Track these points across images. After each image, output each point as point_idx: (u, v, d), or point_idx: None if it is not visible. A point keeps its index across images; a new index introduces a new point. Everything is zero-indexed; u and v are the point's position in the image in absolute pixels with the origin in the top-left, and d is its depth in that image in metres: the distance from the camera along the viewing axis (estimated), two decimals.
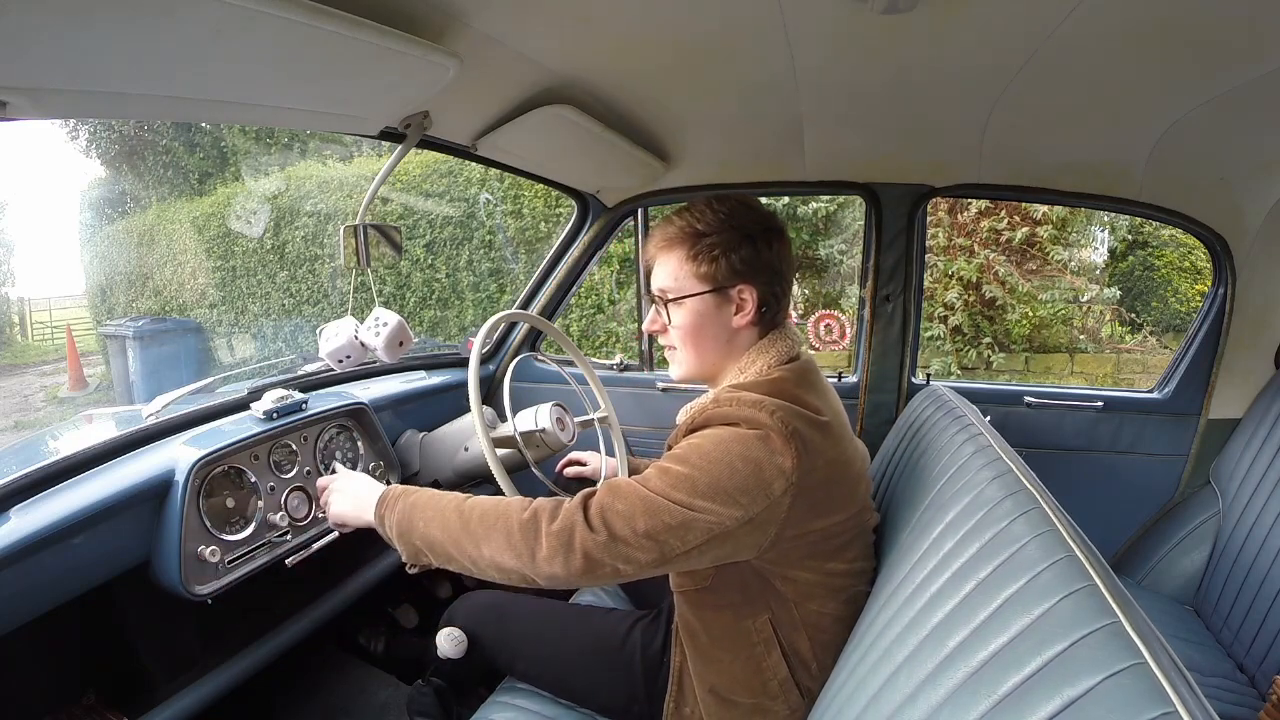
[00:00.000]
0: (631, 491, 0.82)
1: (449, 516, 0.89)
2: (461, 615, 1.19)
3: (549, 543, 0.81)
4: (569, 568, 0.81)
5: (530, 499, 0.89)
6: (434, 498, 0.94)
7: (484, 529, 0.86)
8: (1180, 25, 0.89)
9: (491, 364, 2.02)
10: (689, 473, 0.81)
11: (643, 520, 0.80)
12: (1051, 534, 0.62)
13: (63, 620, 0.99)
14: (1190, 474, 1.67)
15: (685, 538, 0.80)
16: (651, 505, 0.80)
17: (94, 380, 7.88)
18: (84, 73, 0.70)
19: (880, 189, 1.63)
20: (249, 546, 1.15)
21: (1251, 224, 1.50)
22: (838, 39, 0.98)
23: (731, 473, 0.80)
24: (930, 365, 4.99)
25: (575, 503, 0.84)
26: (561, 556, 0.81)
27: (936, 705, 0.54)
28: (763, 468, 0.81)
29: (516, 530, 0.83)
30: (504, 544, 0.84)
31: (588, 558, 0.80)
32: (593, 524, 0.81)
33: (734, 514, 0.80)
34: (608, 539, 0.80)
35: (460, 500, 0.91)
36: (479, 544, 0.86)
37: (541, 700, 1.13)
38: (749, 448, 0.81)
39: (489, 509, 0.88)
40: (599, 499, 0.83)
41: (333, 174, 6.66)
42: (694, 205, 0.98)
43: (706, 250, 0.94)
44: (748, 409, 0.84)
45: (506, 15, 0.89)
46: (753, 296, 0.95)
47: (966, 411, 1.09)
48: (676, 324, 0.98)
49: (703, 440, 0.84)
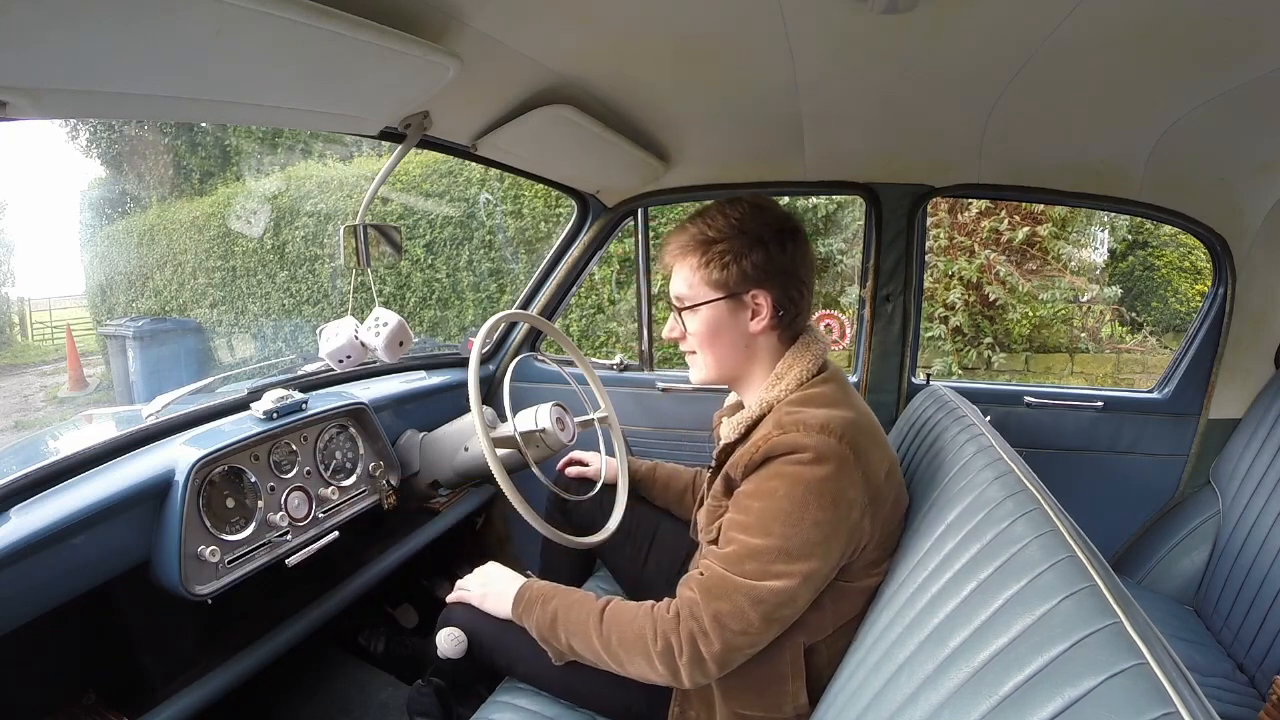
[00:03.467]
0: (731, 587, 0.83)
1: (590, 638, 0.93)
2: (460, 615, 1.19)
3: (685, 668, 0.85)
4: (708, 675, 0.85)
5: (653, 608, 0.90)
6: (570, 609, 0.97)
7: (625, 654, 0.90)
8: (1180, 25, 0.89)
9: (491, 364, 2.02)
10: (778, 544, 0.82)
11: (754, 611, 0.82)
12: (1053, 535, 0.62)
13: (63, 620, 0.99)
14: (1190, 474, 1.67)
15: (796, 603, 0.84)
16: (755, 594, 0.82)
17: (94, 380, 7.88)
18: (85, 73, 0.69)
19: (880, 189, 1.63)
20: (249, 546, 1.15)
21: (1251, 224, 1.50)
22: (838, 39, 0.98)
23: (817, 526, 0.81)
24: (931, 366, 4.99)
25: (687, 616, 0.85)
26: (699, 670, 0.85)
27: (938, 705, 0.54)
28: (840, 504, 0.82)
29: (657, 660, 0.87)
30: (647, 668, 0.88)
31: (719, 661, 0.84)
32: (710, 634, 0.83)
33: (832, 560, 0.83)
34: (729, 645, 0.83)
35: (596, 618, 0.94)
36: (623, 665, 0.91)
37: (541, 700, 1.13)
38: (824, 491, 0.82)
39: (625, 636, 0.90)
40: (706, 606, 0.84)
41: (333, 174, 6.66)
42: (707, 211, 0.98)
43: (718, 257, 0.94)
44: (815, 436, 0.83)
45: (506, 15, 0.89)
46: (768, 301, 0.95)
47: (967, 412, 1.09)
48: (693, 330, 0.99)
49: (777, 502, 0.83)
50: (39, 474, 1.00)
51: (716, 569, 0.85)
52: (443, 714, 1.24)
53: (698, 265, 0.96)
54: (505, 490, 1.13)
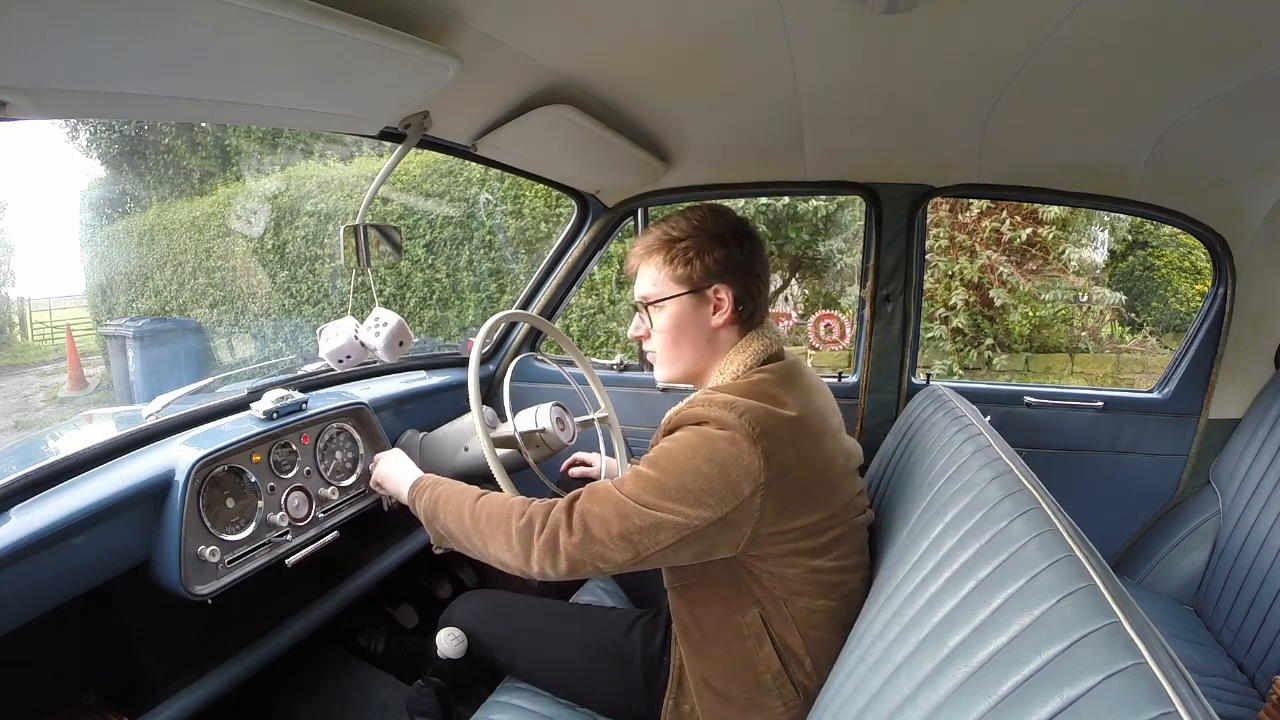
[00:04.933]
0: (607, 495, 0.89)
1: (464, 513, 1.00)
2: (460, 615, 1.19)
3: (539, 547, 0.90)
4: (556, 568, 0.89)
5: (530, 500, 0.96)
6: (455, 493, 1.05)
7: (489, 529, 0.96)
8: (1180, 25, 0.89)
9: (491, 364, 2.02)
10: (657, 477, 0.86)
11: (616, 523, 0.86)
12: (1051, 534, 0.62)
13: (63, 620, 0.99)
14: (1190, 474, 1.67)
15: (656, 538, 0.86)
16: (623, 508, 0.87)
17: (94, 380, 7.88)
18: (85, 73, 0.69)
19: (880, 189, 1.63)
20: (249, 546, 1.15)
21: (1251, 224, 1.50)
22: (838, 39, 0.98)
23: (696, 476, 0.84)
24: (931, 366, 4.99)
25: (561, 505, 0.91)
26: (549, 559, 0.89)
27: (936, 705, 0.54)
28: (729, 469, 0.84)
29: (514, 535, 0.92)
30: (504, 545, 0.93)
31: (570, 559, 0.88)
32: (573, 527, 0.89)
33: (702, 515, 0.84)
34: (585, 540, 0.87)
35: (474, 498, 1.01)
36: (485, 542, 0.96)
37: (541, 700, 1.13)
38: (715, 450, 0.85)
39: (494, 510, 0.97)
40: (580, 503, 0.90)
41: (333, 174, 6.66)
42: (669, 217, 1.05)
43: (681, 254, 1.00)
44: (717, 409, 0.87)
45: (506, 15, 0.89)
46: (729, 295, 1.00)
47: (966, 411, 1.09)
48: (658, 327, 1.03)
49: (672, 444, 0.89)
50: (39, 474, 1.00)
51: (605, 482, 0.91)
52: (443, 714, 1.24)
53: (663, 263, 1.01)
54: (505, 490, 1.13)
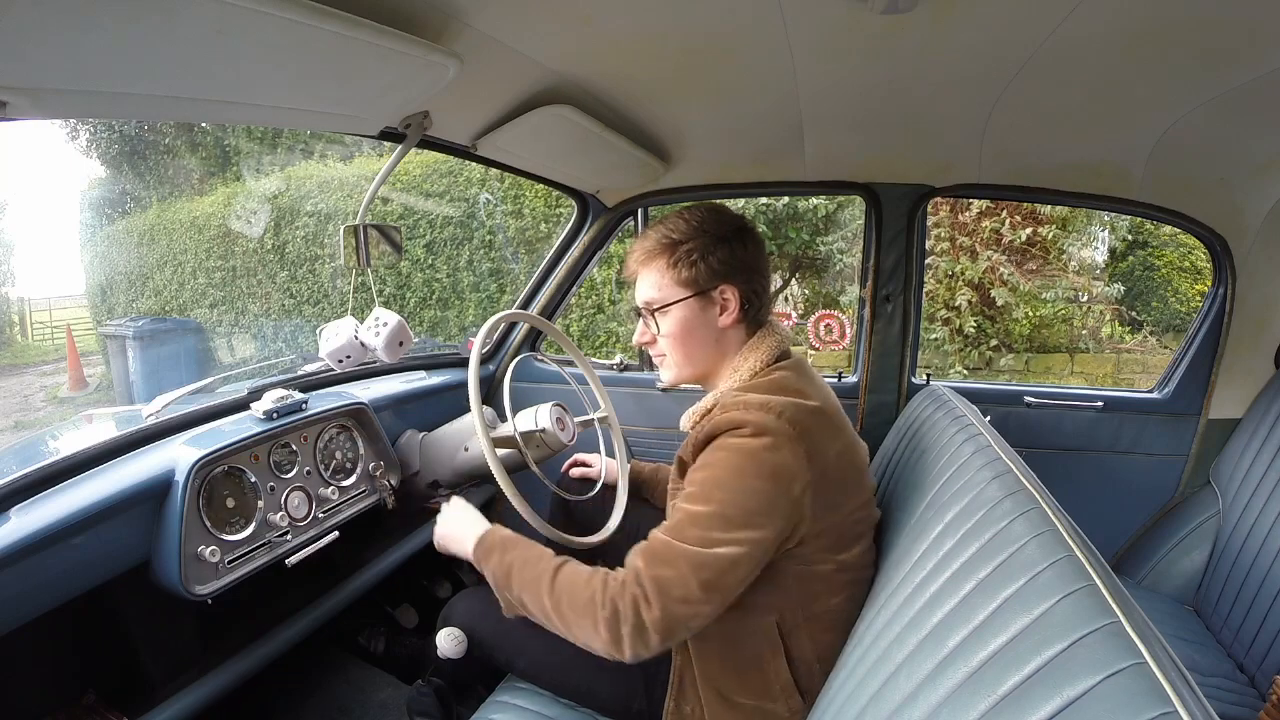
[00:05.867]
0: (674, 553, 0.83)
1: (540, 597, 0.91)
2: (459, 614, 1.19)
3: (628, 636, 0.83)
4: (650, 647, 0.83)
5: (605, 581, 0.88)
6: (526, 564, 0.95)
7: (574, 615, 0.88)
8: (1180, 25, 0.89)
9: (491, 364, 2.02)
10: (718, 510, 0.83)
11: (695, 577, 0.81)
12: (1051, 534, 0.62)
13: (63, 620, 0.99)
14: (1190, 474, 1.67)
15: (737, 574, 0.83)
16: (695, 559, 0.82)
17: (94, 380, 7.88)
18: (84, 73, 0.69)
19: (880, 189, 1.63)
20: (249, 546, 1.15)
21: (1251, 224, 1.50)
22: (838, 39, 0.98)
23: (755, 494, 0.82)
24: (931, 366, 4.99)
25: (630, 580, 0.85)
26: (640, 641, 0.83)
27: (936, 705, 0.54)
28: (779, 477, 0.83)
29: (602, 625, 0.85)
30: (592, 634, 0.86)
31: (662, 632, 0.83)
32: (651, 599, 0.82)
33: (771, 531, 0.83)
34: (668, 607, 0.82)
35: (549, 579, 0.92)
36: (570, 627, 0.89)
37: (541, 699, 1.13)
38: (762, 462, 0.83)
39: (575, 600, 0.88)
40: (648, 572, 0.84)
41: (333, 174, 6.66)
42: (666, 218, 1.02)
43: (685, 256, 0.98)
44: (755, 412, 0.85)
45: (506, 15, 0.89)
46: (735, 295, 0.99)
47: (966, 411, 1.09)
48: (665, 332, 1.01)
49: (717, 470, 0.85)
50: (39, 474, 1.00)
51: (660, 536, 0.87)
52: (443, 714, 1.24)
53: (666, 266, 0.99)
54: (505, 490, 1.13)
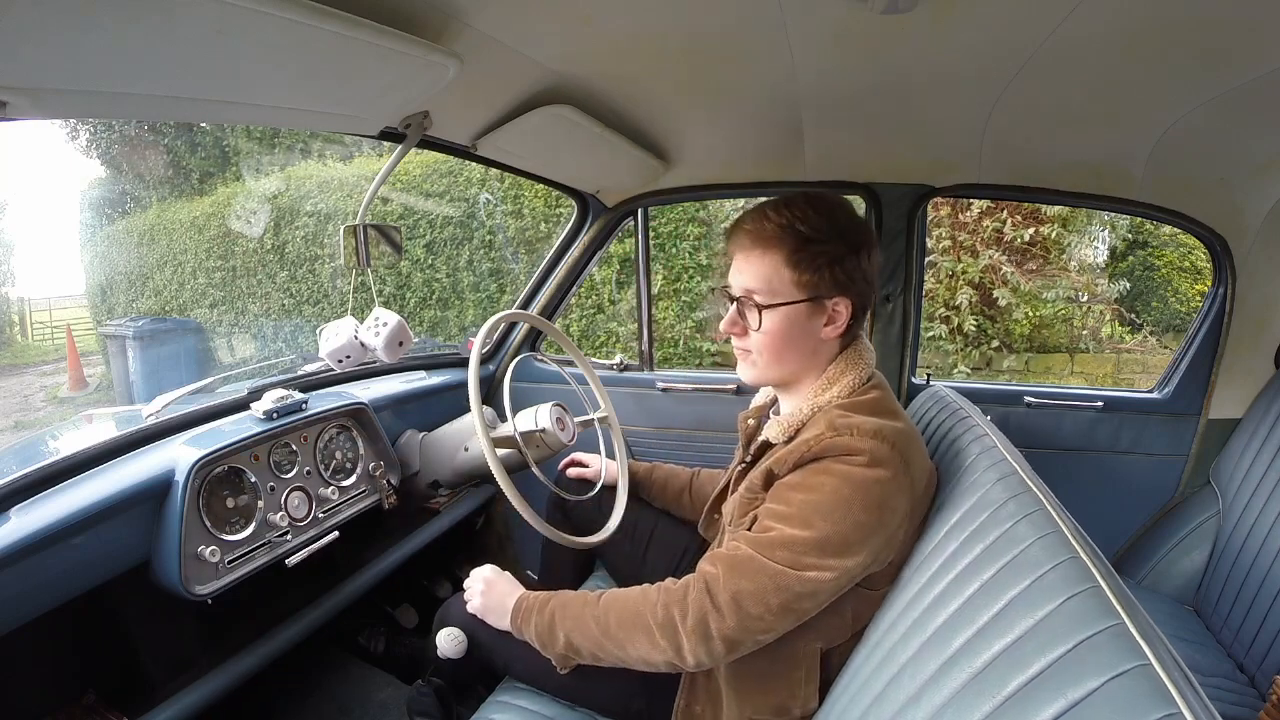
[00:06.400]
0: (757, 568, 0.81)
1: (588, 625, 0.90)
2: (458, 614, 1.19)
3: (690, 640, 0.82)
4: (713, 655, 0.82)
5: (659, 588, 0.88)
6: (570, 605, 0.94)
7: (625, 633, 0.87)
8: (1180, 25, 0.89)
9: (491, 364, 2.02)
10: (815, 537, 0.80)
11: (775, 597, 0.80)
12: (1056, 536, 0.62)
13: (63, 620, 0.99)
14: (1190, 474, 1.67)
15: (818, 599, 0.81)
16: (781, 580, 0.80)
17: (94, 380, 7.88)
18: (84, 73, 0.69)
19: (880, 189, 1.63)
20: (249, 546, 1.15)
21: (1251, 224, 1.50)
22: (838, 39, 0.98)
23: (857, 526, 0.80)
24: (930, 366, 4.99)
25: (700, 587, 0.83)
26: (704, 647, 0.82)
27: (940, 706, 0.54)
28: (884, 510, 0.81)
29: (657, 633, 0.84)
30: (649, 646, 0.85)
31: (728, 641, 0.82)
32: (724, 611, 0.81)
33: (862, 561, 0.81)
34: (742, 621, 0.81)
35: (594, 605, 0.92)
36: (624, 647, 0.87)
37: (541, 700, 1.13)
38: (869, 494, 0.80)
39: (625, 613, 0.88)
40: (725, 581, 0.82)
41: (333, 174, 6.66)
42: (791, 203, 0.91)
43: (811, 259, 0.89)
44: (869, 440, 0.82)
45: (506, 15, 0.89)
46: (847, 309, 0.92)
47: (971, 412, 1.09)
48: (765, 329, 0.93)
49: (822, 497, 0.81)
50: (39, 474, 1.00)
51: (745, 549, 0.83)
52: (443, 714, 1.24)
53: (787, 262, 0.90)
54: (505, 490, 1.13)
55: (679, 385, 1.88)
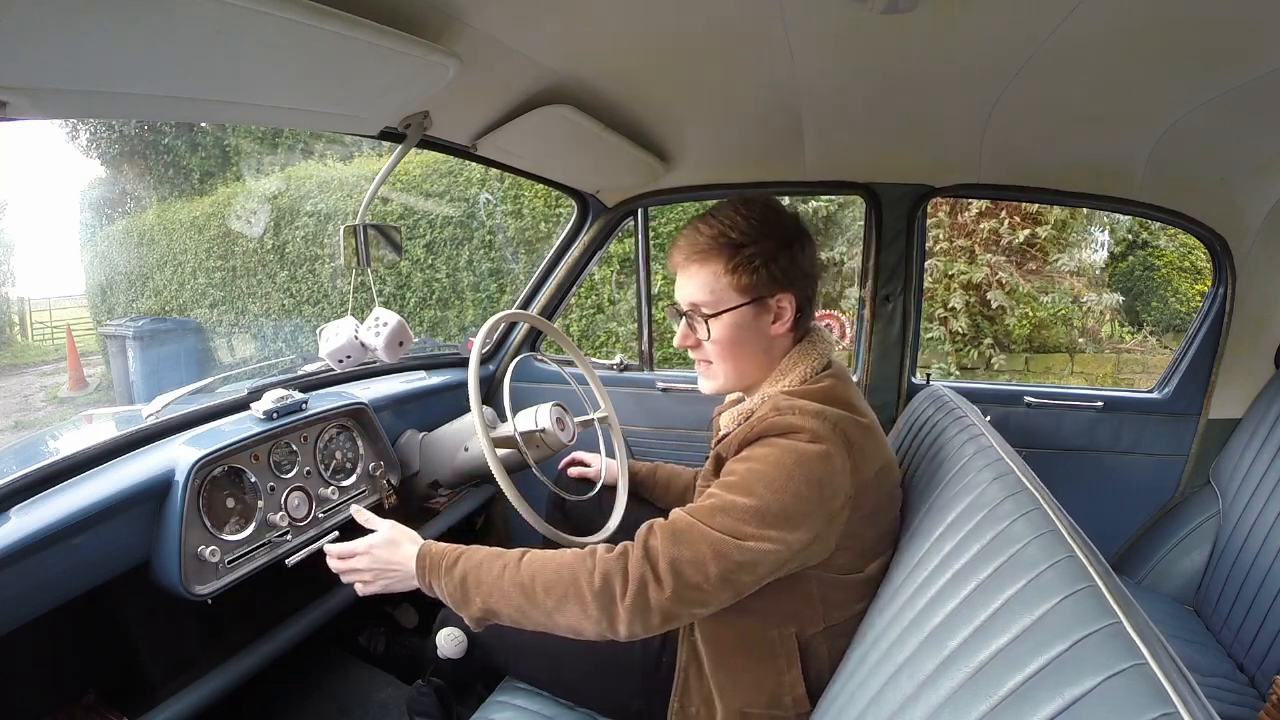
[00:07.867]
0: (696, 535, 0.80)
1: (509, 591, 0.85)
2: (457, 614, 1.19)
3: (626, 609, 0.79)
4: (648, 626, 0.80)
5: (590, 553, 0.84)
6: (481, 567, 0.88)
7: (554, 601, 0.83)
8: (1180, 25, 0.89)
9: (491, 364, 2.02)
10: (754, 504, 0.80)
11: (714, 565, 0.79)
12: (1052, 534, 0.62)
13: (63, 620, 0.99)
14: (1190, 474, 1.67)
15: (757, 572, 0.80)
16: (720, 547, 0.79)
17: (94, 380, 7.89)
18: (84, 73, 0.69)
19: (880, 189, 1.63)
20: (249, 546, 1.15)
21: (1251, 224, 1.50)
22: (838, 39, 0.98)
23: (797, 498, 0.80)
24: (930, 366, 4.99)
25: (638, 555, 0.81)
26: (640, 619, 0.80)
27: (937, 706, 0.54)
28: (825, 486, 0.81)
29: (591, 601, 0.81)
30: (580, 614, 0.81)
31: (664, 613, 0.80)
32: (663, 579, 0.79)
33: (802, 538, 0.81)
34: (680, 590, 0.79)
35: (515, 568, 0.86)
36: (551, 615, 0.83)
37: (541, 700, 1.13)
38: (812, 468, 0.81)
39: (553, 580, 0.83)
40: (664, 549, 0.80)
41: (333, 174, 6.66)
42: (721, 212, 0.94)
43: (747, 261, 0.91)
44: (811, 419, 0.83)
45: (506, 15, 0.89)
46: (791, 304, 0.95)
47: (968, 412, 1.09)
48: (714, 338, 0.95)
49: (764, 466, 0.82)
50: (39, 474, 1.00)
51: (685, 516, 0.83)
52: (443, 714, 1.24)
53: (724, 270, 0.92)
54: (505, 490, 1.13)
55: (679, 385, 1.88)
